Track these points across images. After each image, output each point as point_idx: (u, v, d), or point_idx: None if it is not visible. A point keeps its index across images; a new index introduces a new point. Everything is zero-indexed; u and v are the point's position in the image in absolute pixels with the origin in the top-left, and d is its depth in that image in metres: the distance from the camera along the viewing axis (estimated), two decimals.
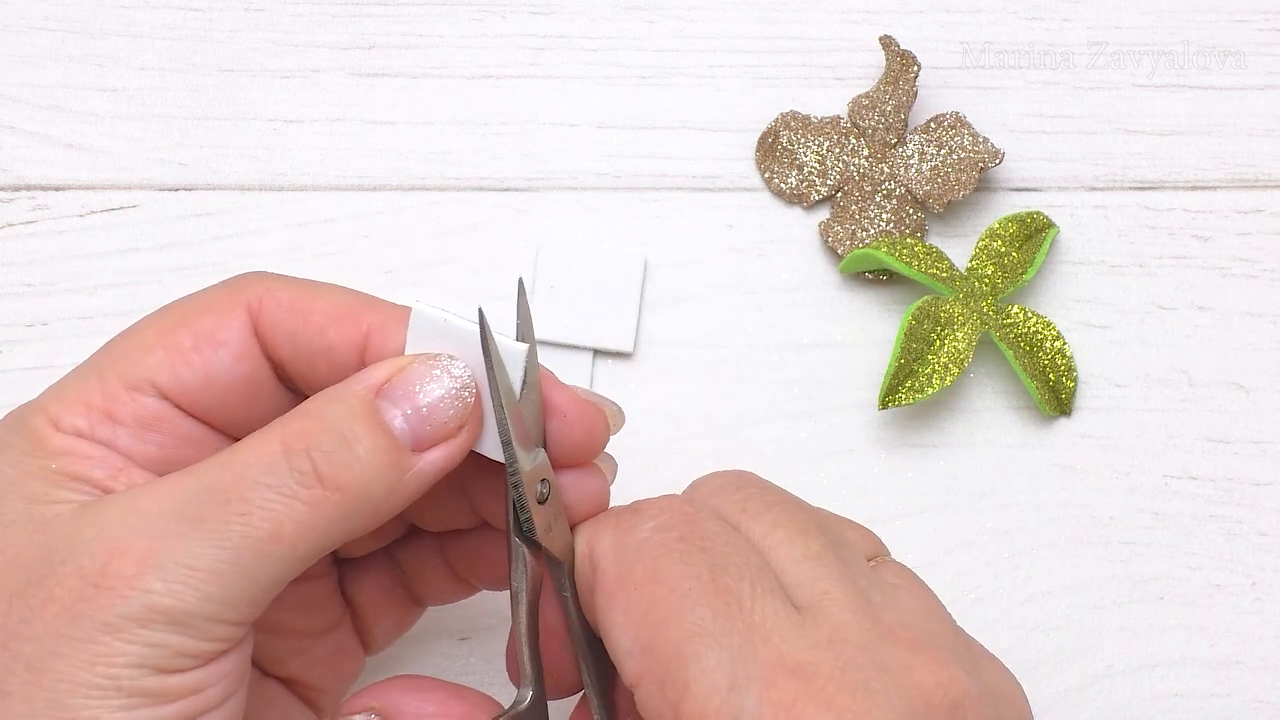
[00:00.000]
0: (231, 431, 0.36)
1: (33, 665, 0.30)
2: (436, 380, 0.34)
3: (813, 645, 0.30)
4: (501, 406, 0.33)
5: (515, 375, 0.34)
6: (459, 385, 0.34)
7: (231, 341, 0.34)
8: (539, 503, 0.34)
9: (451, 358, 0.34)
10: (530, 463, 0.33)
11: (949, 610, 0.34)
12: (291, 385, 0.36)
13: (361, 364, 0.35)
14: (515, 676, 0.35)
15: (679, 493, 0.35)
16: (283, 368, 0.35)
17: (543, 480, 0.34)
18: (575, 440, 0.35)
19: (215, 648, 0.32)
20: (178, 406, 0.34)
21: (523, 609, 0.34)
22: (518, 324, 0.35)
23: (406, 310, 0.35)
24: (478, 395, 0.34)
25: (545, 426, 0.35)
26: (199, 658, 0.31)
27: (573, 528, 0.35)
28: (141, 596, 0.30)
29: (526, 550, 0.34)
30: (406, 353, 0.35)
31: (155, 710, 0.31)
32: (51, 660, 0.30)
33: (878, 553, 0.35)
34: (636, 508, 0.34)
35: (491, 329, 0.33)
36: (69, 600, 0.30)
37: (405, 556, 0.40)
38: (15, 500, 0.32)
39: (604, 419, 0.35)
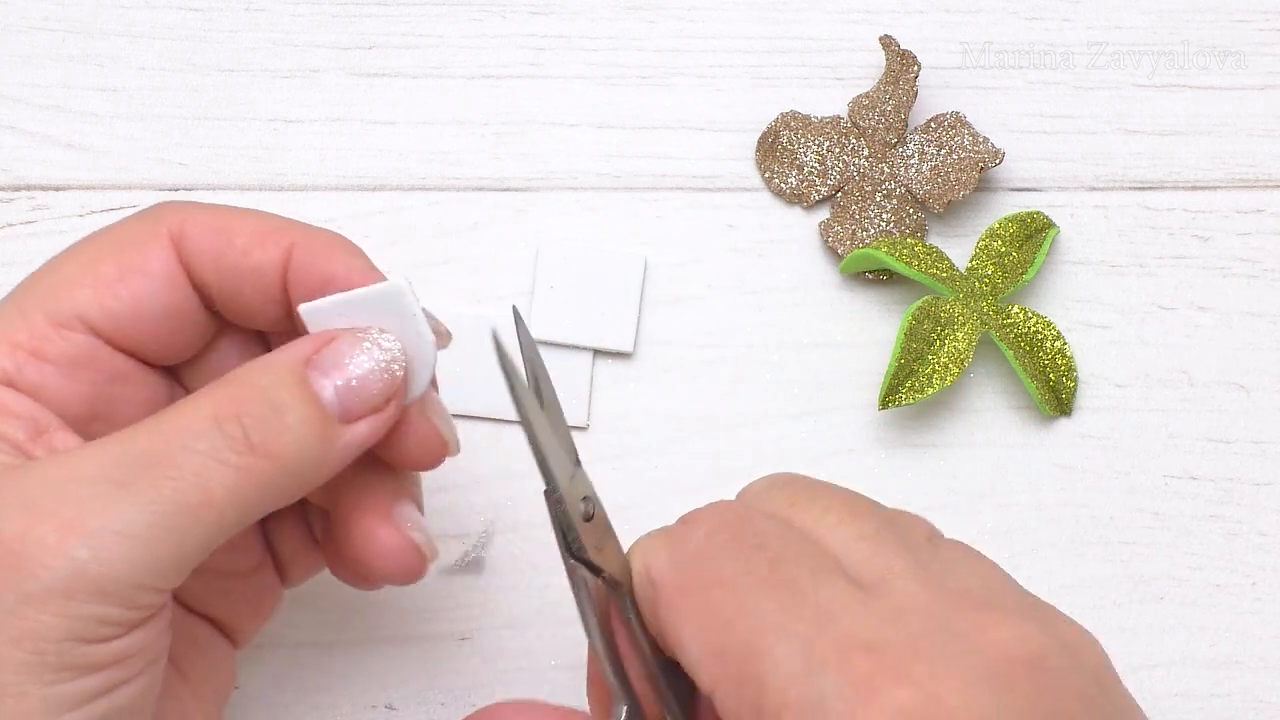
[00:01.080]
0: (158, 362, 0.36)
1: None
2: (366, 353, 0.34)
3: (881, 620, 0.30)
4: (530, 423, 0.32)
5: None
6: (388, 358, 0.34)
7: (157, 270, 0.34)
8: (585, 520, 0.33)
9: (381, 330, 0.34)
10: (569, 480, 0.33)
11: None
12: (215, 309, 0.36)
13: (284, 284, 0.35)
14: (602, 700, 0.34)
15: (722, 499, 0.35)
16: (207, 292, 0.35)
17: (584, 498, 0.33)
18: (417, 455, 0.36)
19: (140, 615, 0.31)
20: (107, 341, 0.34)
21: (595, 629, 0.33)
22: (521, 350, 0.34)
23: (329, 232, 0.36)
24: (406, 369, 0.34)
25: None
26: (124, 625, 0.31)
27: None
28: (67, 565, 0.29)
29: (584, 570, 0.33)
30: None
31: (81, 682, 0.30)
32: None
33: (932, 534, 0.35)
34: (686, 519, 0.33)
35: (501, 337, 0.32)
36: None
37: (319, 505, 0.39)
38: None
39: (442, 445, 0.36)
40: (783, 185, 0.49)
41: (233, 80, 0.49)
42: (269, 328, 0.37)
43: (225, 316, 0.36)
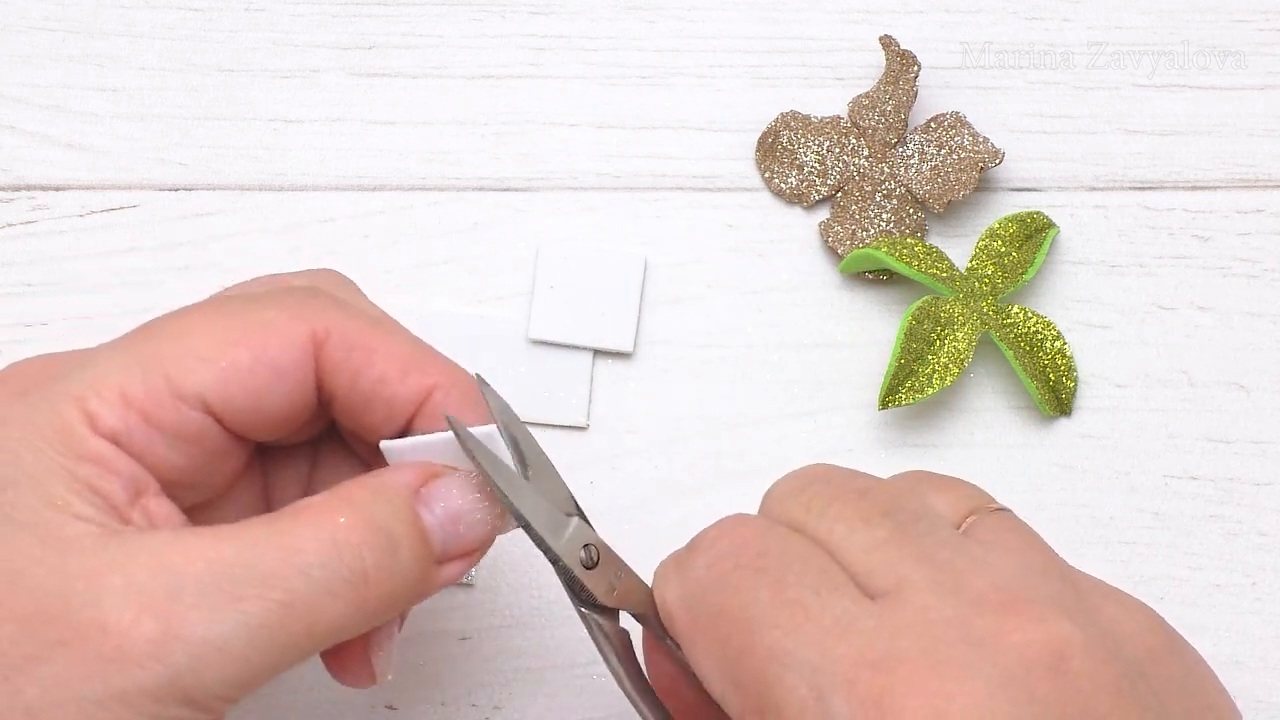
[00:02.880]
0: (257, 440, 0.35)
1: (33, 711, 0.29)
2: (467, 492, 0.34)
3: (893, 633, 0.29)
4: (505, 495, 0.33)
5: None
6: (485, 501, 0.34)
7: (290, 371, 0.33)
8: (588, 568, 0.34)
9: (479, 474, 0.34)
10: (562, 538, 0.33)
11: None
12: (329, 407, 0.35)
13: (413, 418, 0.34)
14: None
15: (737, 513, 0.34)
16: (332, 398, 0.34)
17: (585, 545, 0.34)
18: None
19: (212, 719, 0.31)
20: (218, 421, 0.33)
21: (620, 671, 0.34)
22: (495, 416, 0.34)
23: (465, 374, 0.35)
24: (500, 517, 0.34)
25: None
26: None
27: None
28: (164, 670, 0.29)
29: (598, 617, 0.34)
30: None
31: None
32: (54, 712, 0.29)
33: (974, 509, 0.33)
34: (693, 544, 0.33)
35: (464, 427, 0.33)
36: (84, 651, 0.29)
37: (323, 450, 0.39)
38: (31, 498, 0.31)
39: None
40: (783, 185, 0.49)
41: (233, 80, 0.49)
42: (373, 438, 0.36)
43: (337, 415, 0.36)
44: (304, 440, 0.38)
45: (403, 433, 0.35)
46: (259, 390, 0.33)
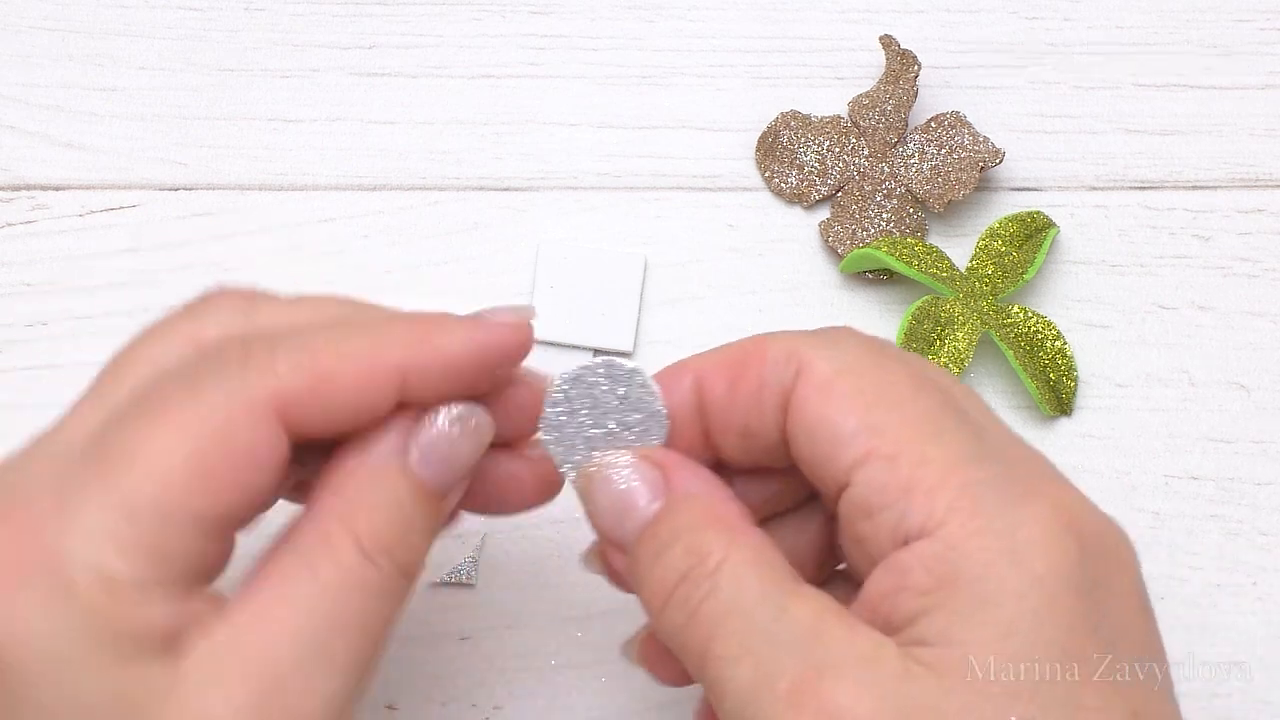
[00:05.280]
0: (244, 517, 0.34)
1: None
2: (445, 423, 0.33)
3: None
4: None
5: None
6: (462, 420, 0.34)
7: (269, 460, 0.32)
8: None
9: (452, 403, 0.34)
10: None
11: None
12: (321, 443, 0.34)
13: (399, 403, 0.33)
14: None
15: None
16: (317, 434, 0.33)
17: None
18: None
19: None
20: (213, 521, 0.32)
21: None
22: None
23: (419, 327, 0.34)
24: (488, 431, 0.34)
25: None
26: None
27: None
28: None
29: None
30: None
31: None
32: None
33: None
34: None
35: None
36: None
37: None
38: (86, 676, 0.29)
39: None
40: (783, 185, 0.49)
41: (233, 80, 0.49)
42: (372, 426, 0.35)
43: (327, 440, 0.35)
44: None
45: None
46: (249, 491, 0.32)
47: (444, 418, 0.34)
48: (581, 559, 0.36)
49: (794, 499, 0.36)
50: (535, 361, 0.35)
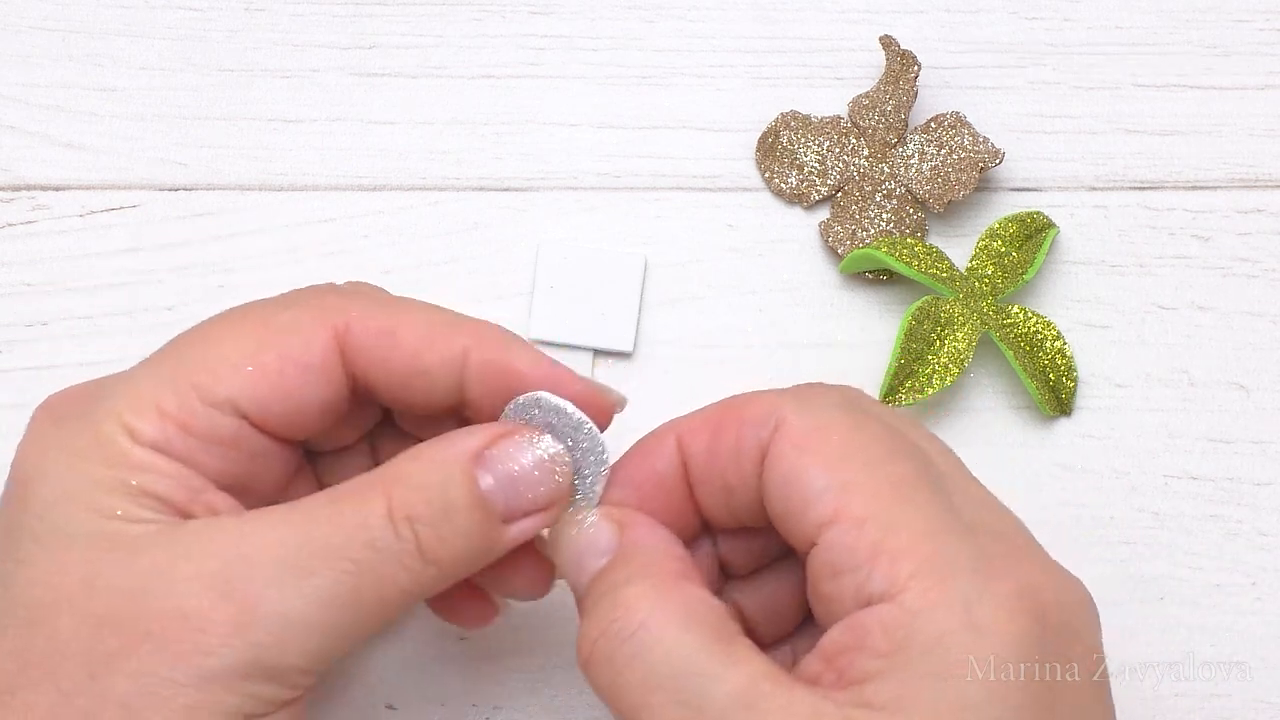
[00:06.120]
0: (299, 441, 0.36)
1: (127, 704, 0.30)
2: (532, 452, 0.34)
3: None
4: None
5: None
6: (553, 459, 0.34)
7: (318, 367, 0.34)
8: None
9: (545, 430, 0.34)
10: None
11: None
12: (373, 398, 0.36)
13: (461, 384, 0.35)
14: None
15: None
16: (370, 388, 0.35)
17: None
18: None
19: (296, 694, 0.32)
20: (254, 425, 0.34)
21: None
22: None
23: (495, 328, 0.35)
24: (569, 476, 0.34)
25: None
26: (280, 704, 0.32)
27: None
28: (247, 649, 0.30)
29: None
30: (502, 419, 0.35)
31: None
32: (148, 701, 0.30)
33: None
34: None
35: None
36: (168, 640, 0.30)
37: (383, 447, 0.39)
38: (86, 512, 0.32)
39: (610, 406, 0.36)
40: (783, 185, 0.49)
41: (233, 80, 0.49)
42: (431, 413, 0.37)
43: (384, 403, 0.36)
44: (353, 441, 0.39)
45: (463, 402, 0.36)
46: (289, 390, 0.34)
47: (530, 443, 0.34)
48: None
49: (779, 553, 0.36)
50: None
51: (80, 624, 0.30)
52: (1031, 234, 0.48)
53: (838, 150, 0.49)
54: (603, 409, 0.35)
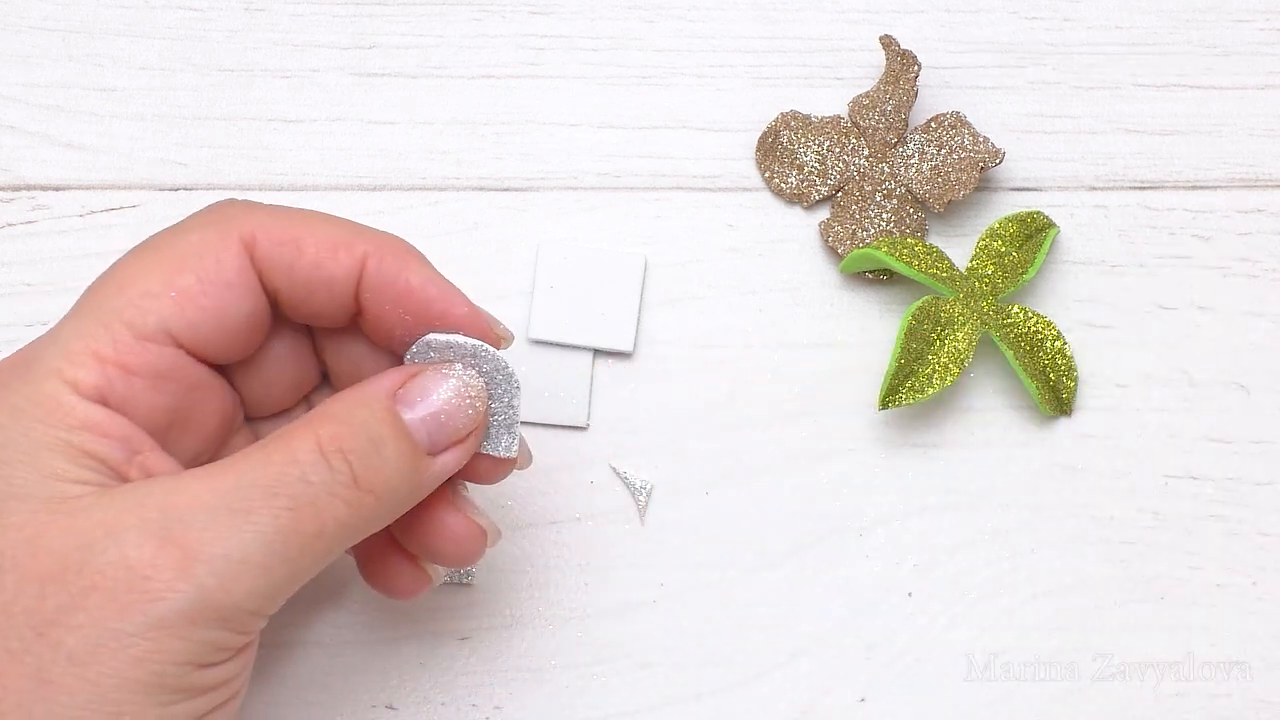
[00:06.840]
0: (232, 369, 0.37)
1: (76, 657, 0.30)
2: (450, 388, 0.35)
3: None
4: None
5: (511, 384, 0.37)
6: (470, 393, 0.35)
7: (237, 282, 0.35)
8: None
9: (462, 366, 0.36)
10: None
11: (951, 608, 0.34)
12: (283, 313, 0.37)
13: (357, 292, 0.36)
14: None
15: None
16: (277, 298, 0.36)
17: None
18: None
19: (248, 639, 0.32)
20: (189, 352, 0.35)
21: None
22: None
23: (397, 240, 0.37)
24: (485, 402, 0.36)
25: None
26: (233, 650, 0.32)
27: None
28: (194, 591, 0.30)
29: None
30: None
31: (191, 704, 0.31)
32: (98, 653, 0.30)
33: None
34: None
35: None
36: (115, 590, 0.30)
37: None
38: (28, 472, 0.32)
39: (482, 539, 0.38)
40: (783, 185, 0.49)
41: (233, 80, 0.49)
42: (332, 326, 0.38)
43: (289, 317, 0.37)
44: (292, 404, 0.40)
45: (361, 311, 0.37)
46: (213, 309, 0.34)
47: (442, 375, 0.36)
48: None
49: None
50: (536, 362, 0.36)
51: (24, 583, 0.31)
52: (1031, 234, 0.48)
53: (838, 150, 0.49)
54: (489, 340, 0.37)
